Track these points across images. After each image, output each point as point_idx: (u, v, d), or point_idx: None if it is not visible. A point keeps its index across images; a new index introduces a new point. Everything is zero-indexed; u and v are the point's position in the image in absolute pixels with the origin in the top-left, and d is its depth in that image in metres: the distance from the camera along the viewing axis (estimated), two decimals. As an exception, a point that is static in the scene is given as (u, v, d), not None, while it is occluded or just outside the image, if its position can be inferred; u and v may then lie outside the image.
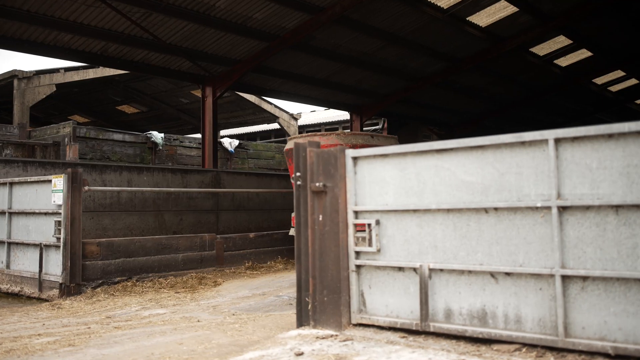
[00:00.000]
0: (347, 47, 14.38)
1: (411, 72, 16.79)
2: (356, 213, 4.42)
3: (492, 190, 3.74)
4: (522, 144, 3.63)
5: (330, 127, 23.53)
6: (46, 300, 7.10)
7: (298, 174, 4.68)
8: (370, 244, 4.31)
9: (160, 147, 15.17)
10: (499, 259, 3.71)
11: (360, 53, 14.87)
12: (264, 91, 15.94)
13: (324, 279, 4.50)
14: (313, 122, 24.18)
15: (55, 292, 7.08)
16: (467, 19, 14.19)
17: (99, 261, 7.29)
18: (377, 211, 4.31)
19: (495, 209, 3.71)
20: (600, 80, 21.52)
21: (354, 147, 9.13)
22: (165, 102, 22.30)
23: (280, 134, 23.83)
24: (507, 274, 3.67)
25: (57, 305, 6.64)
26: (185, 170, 13.05)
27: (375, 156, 4.33)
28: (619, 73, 20.85)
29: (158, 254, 7.90)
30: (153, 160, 15.11)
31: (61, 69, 16.98)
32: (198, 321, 5.38)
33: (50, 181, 7.37)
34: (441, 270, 3.95)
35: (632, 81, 22.28)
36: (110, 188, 9.01)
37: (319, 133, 9.32)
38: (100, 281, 7.31)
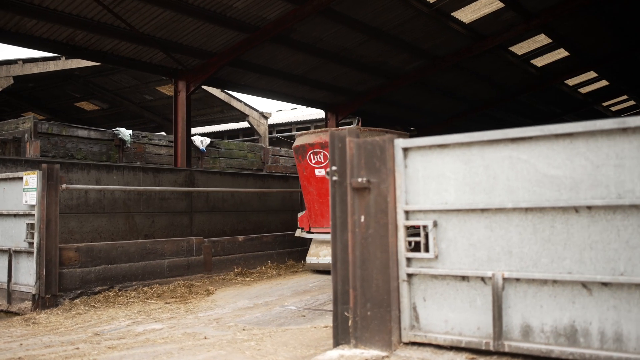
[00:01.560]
0: (328, 42, 13.78)
1: (390, 69, 16.31)
2: (407, 213, 3.81)
3: (584, 186, 3.18)
4: (624, 130, 3.08)
5: (301, 126, 22.89)
6: (17, 314, 6.23)
7: (334, 168, 4.03)
8: (426, 249, 3.71)
9: (128, 145, 14.24)
10: (592, 266, 3.15)
11: (340, 48, 14.29)
12: (239, 87, 15.17)
13: (368, 290, 3.87)
14: (284, 121, 23.48)
15: (28, 304, 6.22)
16: (452, 14, 13.78)
17: (77, 269, 6.46)
18: (434, 211, 3.70)
19: (589, 207, 3.16)
20: (572, 82, 21.55)
21: None
22: (128, 98, 21.23)
23: (249, 133, 23.03)
24: (604, 284, 3.11)
25: (32, 320, 5.79)
26: (158, 169, 12.21)
27: (431, 147, 3.73)
28: (592, 74, 20.90)
29: (142, 260, 7.12)
30: (120, 159, 14.16)
31: (19, 60, 15.80)
32: (205, 338, 4.67)
33: (20, 178, 6.50)
34: (517, 280, 3.38)
35: (603, 83, 22.41)
36: (89, 186, 8.16)
37: (332, 129, 8.72)
38: (79, 291, 6.48)
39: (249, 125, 21.41)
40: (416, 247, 3.79)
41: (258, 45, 12.77)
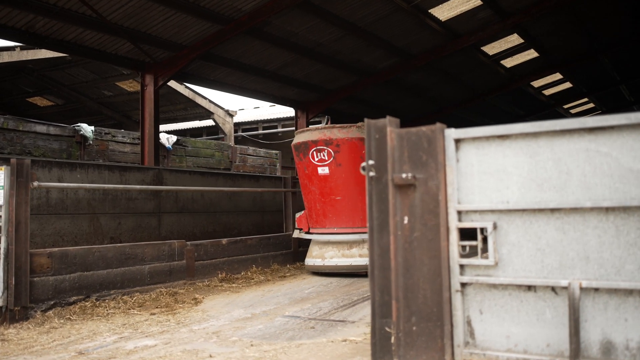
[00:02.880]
0: (303, 37, 13.27)
1: (363, 67, 15.92)
2: (460, 213, 3.35)
3: (679, 183, 2.79)
4: None
5: (268, 124, 22.27)
6: (-20, 330, 5.49)
7: (371, 162, 3.54)
8: (483, 255, 3.26)
9: (90, 142, 13.38)
10: (689, 274, 2.76)
11: (315, 44, 13.80)
12: (208, 82, 14.48)
13: (413, 301, 3.39)
14: (250, 120, 22.79)
15: (-7, 318, 5.50)
16: (429, 11, 13.48)
17: (50, 277, 5.77)
18: (492, 211, 3.26)
19: (685, 207, 2.76)
20: (537, 83, 21.67)
21: None
22: (85, 94, 20.17)
23: (213, 132, 22.27)
24: None
25: (0, 336, 5.08)
26: (124, 167, 11.45)
27: (489, 138, 3.28)
28: (557, 76, 21.05)
29: (121, 266, 6.46)
30: (82, 156, 13.30)
31: (-31, 50, 14.70)
32: (210, 357, 4.11)
33: (-16, 175, 5.77)
34: (596, 289, 2.96)
35: (567, 85, 22.63)
36: (64, 184, 7.43)
37: (337, 125, 8.27)
38: (52, 302, 5.79)
39: (214, 124, 20.67)
40: (470, 253, 3.35)
41: (231, 38, 12.16)
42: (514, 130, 3.19)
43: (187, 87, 19.16)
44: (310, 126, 20.55)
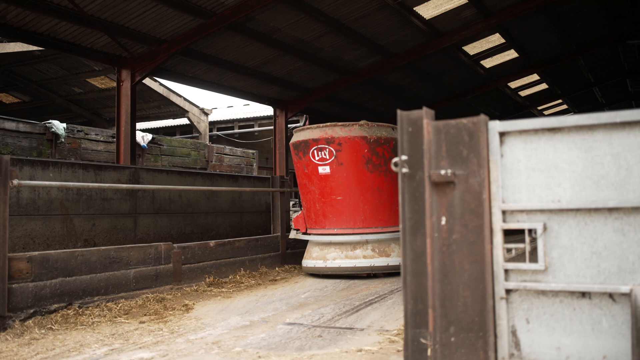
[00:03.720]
0: (285, 33, 12.93)
1: (344, 65, 15.65)
2: (504, 213, 3.06)
3: None
4: None
5: (244, 123, 21.80)
6: (-47, 341, 5.00)
7: (403, 157, 3.23)
8: (532, 259, 2.98)
9: (62, 140, 12.78)
10: None
11: (297, 40, 13.47)
12: (186, 79, 14.03)
13: (451, 310, 3.09)
14: (225, 119, 22.25)
15: (-33, 328, 5.01)
16: (414, 8, 13.29)
17: (29, 283, 5.30)
18: (541, 211, 2.97)
19: None
20: (514, 84, 21.74)
21: (379, 140, 7.89)
22: (54, 91, 19.43)
23: (187, 131, 21.70)
24: None
25: (-24, 349, 4.62)
26: (99, 166, 10.95)
27: (537, 131, 3.00)
28: (534, 77, 21.13)
29: (105, 271, 6.02)
30: (53, 155, 12.71)
31: None
32: (216, 370, 3.74)
33: (-44, 173, 5.27)
34: (661, 296, 2.70)
35: (543, 86, 22.77)
36: (46, 183, 6.90)
37: (339, 123, 7.96)
38: (32, 310, 5.32)
39: (188, 122, 20.14)
40: (514, 257, 3.06)
41: (213, 33, 11.75)
42: (567, 123, 2.91)
43: (161, 84, 18.61)
44: (310, 124, 20.11)
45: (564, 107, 27.98)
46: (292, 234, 8.88)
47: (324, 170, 7.79)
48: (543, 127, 2.97)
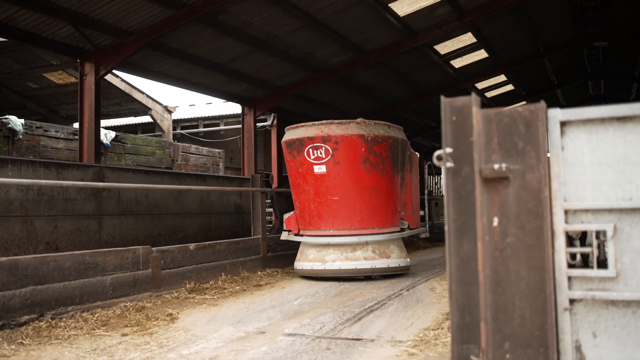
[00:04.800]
0: (257, 27, 12.46)
1: (315, 62, 15.27)
2: (566, 214, 2.73)
3: None
4: None
5: (210, 122, 21.13)
6: None
7: (448, 150, 2.86)
8: (600, 264, 2.65)
9: (20, 136, 12.00)
10: None
11: (269, 36, 13.02)
12: (152, 74, 13.39)
13: (506, 323, 2.73)
14: (189, 117, 21.53)
15: None
16: (389, 5, 13.01)
17: (-5, 293, 4.73)
18: (610, 210, 2.64)
19: None
20: (482, 85, 21.78)
21: (376, 138, 7.54)
22: (8, 86, 18.40)
23: (149, 129, 20.91)
24: None
25: (-63, 370, 4.04)
26: (62, 164, 10.30)
27: (604, 120, 2.66)
28: (502, 78, 21.21)
29: (80, 277, 5.47)
30: (10, 152, 11.92)
31: None
32: (223, 392, 3.30)
33: None
34: None
35: (509, 87, 22.90)
36: (11, 180, 6.26)
37: (336, 121, 7.57)
38: (0, 323, 4.74)
39: (151, 120, 19.40)
40: (586, 262, 2.74)
41: (183, 26, 11.19)
42: (639, 111, 2.60)
43: (123, 80, 17.84)
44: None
45: (527, 108, 28.28)
46: (284, 236, 8.47)
47: (319, 169, 7.43)
48: (611, 116, 2.64)
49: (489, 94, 23.32)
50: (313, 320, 5.14)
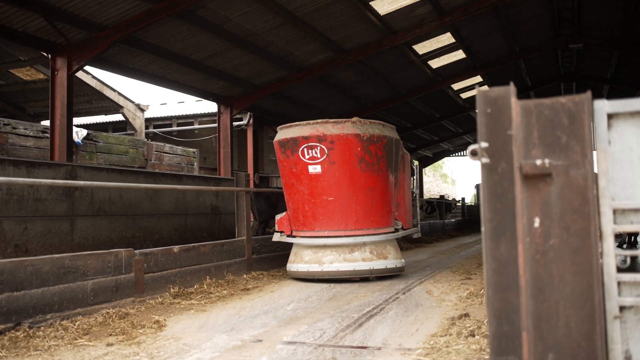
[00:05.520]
0: (236, 23, 12.14)
1: (294, 61, 15.00)
2: (614, 213, 2.53)
3: None
4: None
5: (183, 121, 20.62)
6: None
7: (484, 144, 2.63)
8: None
9: (-14, 134, 11.44)
10: None
11: (248, 32, 12.71)
12: (127, 70, 12.96)
13: (549, 333, 2.52)
14: (163, 115, 20.98)
15: None
16: (370, 3, 12.83)
17: (-32, 301, 4.34)
18: (662, 210, 2.46)
19: None
20: (457, 86, 21.78)
21: (372, 138, 7.33)
22: (-29, 82, 17.70)
23: (121, 127, 20.31)
24: None
25: None
26: (32, 163, 9.84)
27: (656, 113, 2.48)
28: (477, 79, 21.22)
29: (59, 283, 5.10)
30: (-24, 151, 11.35)
31: None
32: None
33: None
34: None
35: (484, 88, 22.86)
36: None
37: (331, 120, 7.35)
38: (-27, 334, 4.36)
39: (123, 118, 18.85)
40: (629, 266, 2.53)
41: (160, 20, 10.80)
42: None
43: (94, 76, 17.29)
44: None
45: (500, 110, 28.42)
46: (276, 237, 8.20)
47: (314, 169, 7.20)
48: (664, 108, 2.45)
49: (464, 95, 23.36)
50: (311, 326, 4.87)
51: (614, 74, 21.77)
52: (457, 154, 38.99)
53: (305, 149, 7.24)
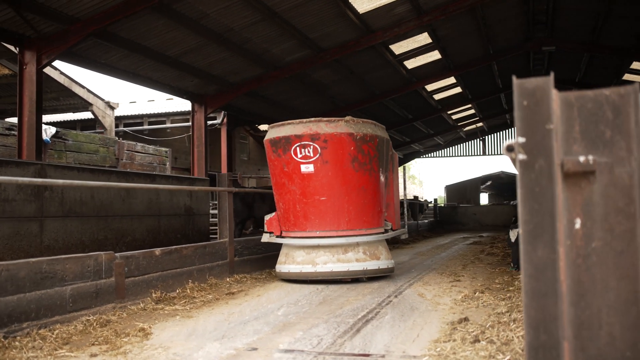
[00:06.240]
0: (214, 19, 11.83)
1: (271, 59, 14.73)
2: (661, 215, 2.36)
3: None
4: None
5: (155, 119, 20.11)
6: None
7: (521, 140, 2.44)
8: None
9: (-51, 131, 10.88)
10: None
11: (226, 28, 12.41)
12: (98, 66, 12.51)
13: (591, 342, 2.35)
14: (134, 114, 20.42)
15: None
16: (349, 0, 12.64)
17: (-61, 309, 3.98)
18: None
19: None
20: (431, 87, 21.79)
21: (365, 137, 7.16)
22: None
23: (89, 126, 19.71)
24: None
25: None
26: (-1, 161, 9.39)
27: None
28: (451, 80, 21.28)
29: (36, 289, 4.75)
30: (-63, 148, 10.79)
31: None
32: None
33: None
34: None
35: (457, 90, 23.03)
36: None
37: (324, 119, 7.14)
38: (-57, 345, 4.00)
39: (92, 116, 18.29)
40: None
41: (136, 13, 10.42)
42: None
43: (62, 72, 16.72)
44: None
45: (472, 112, 28.68)
46: (265, 238, 7.97)
47: (307, 168, 7.01)
48: None
49: (437, 96, 23.40)
50: (306, 333, 4.64)
51: (582, 77, 22.09)
52: (426, 155, 39.18)
53: (297, 148, 7.05)
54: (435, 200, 29.10)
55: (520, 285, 6.39)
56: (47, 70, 16.17)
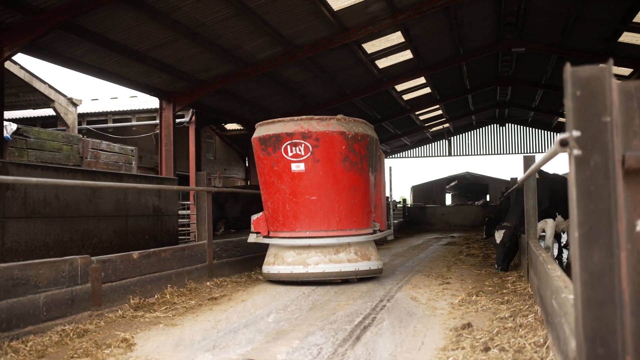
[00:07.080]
0: (186, 13, 11.43)
1: (242, 56, 14.38)
2: None
3: None
4: None
5: (120, 117, 19.45)
6: None
7: (575, 133, 2.23)
8: None
9: None
10: None
11: (198, 23, 12.02)
12: (62, 59, 11.95)
13: (655, 355, 2.15)
14: (98, 111, 19.68)
15: None
16: (325, -4, 12.42)
17: None
18: None
19: None
20: (401, 87, 21.72)
21: (356, 136, 6.91)
22: None
23: (51, 123, 18.93)
24: None
25: None
26: (-43, 159, 8.84)
27: None
28: (421, 80, 21.25)
29: (7, 297, 4.34)
30: None
31: None
32: None
33: None
34: None
35: (426, 90, 23.02)
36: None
37: (315, 117, 6.93)
38: None
39: (54, 113, 17.56)
40: None
41: (105, 4, 9.97)
42: None
43: (22, 67, 16.00)
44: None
45: (439, 112, 28.78)
46: (252, 238, 7.67)
47: (297, 167, 6.77)
48: None
49: (406, 97, 23.36)
50: (303, 341, 4.36)
51: (549, 79, 22.35)
52: (393, 156, 39.25)
53: (288, 146, 6.80)
54: (404, 200, 29.10)
55: (515, 288, 6.25)
56: (7, 64, 15.45)
